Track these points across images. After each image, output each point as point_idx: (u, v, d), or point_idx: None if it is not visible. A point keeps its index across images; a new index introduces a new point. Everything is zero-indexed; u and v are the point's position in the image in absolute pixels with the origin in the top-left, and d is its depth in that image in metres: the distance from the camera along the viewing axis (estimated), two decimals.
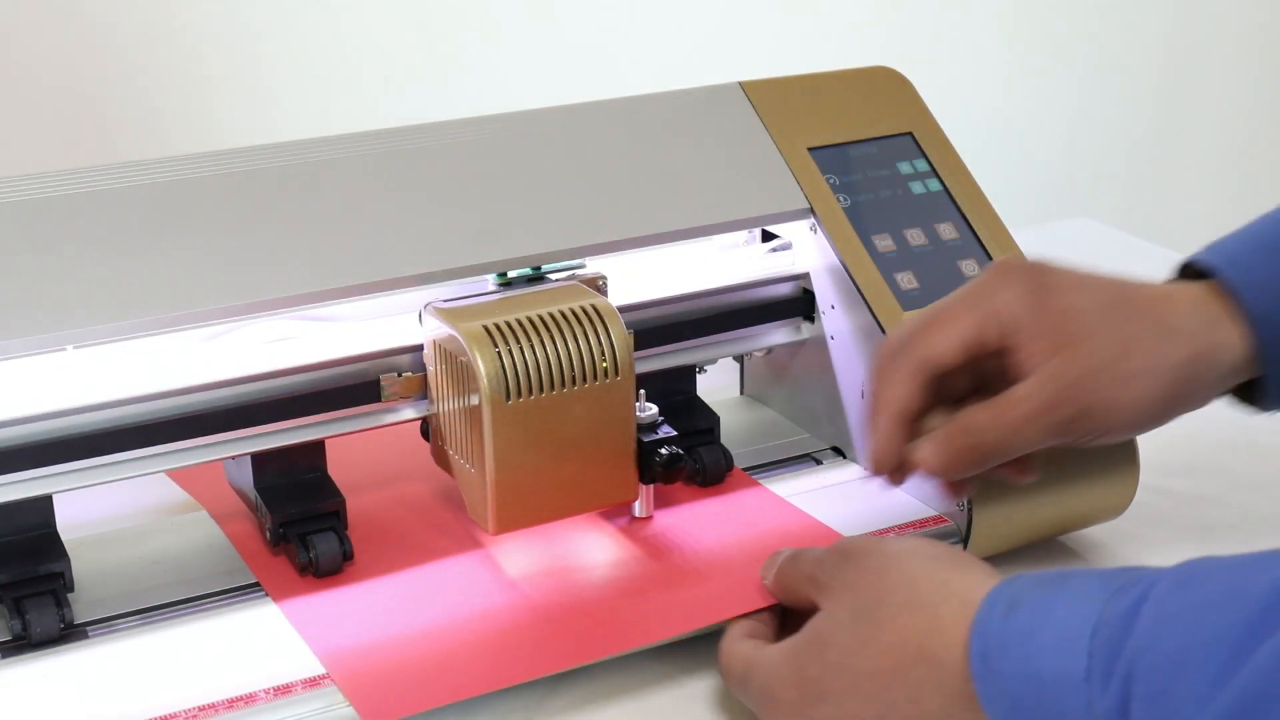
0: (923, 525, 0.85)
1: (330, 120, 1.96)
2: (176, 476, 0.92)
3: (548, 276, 0.86)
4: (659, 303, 0.90)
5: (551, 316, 0.79)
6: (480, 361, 0.77)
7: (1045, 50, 2.40)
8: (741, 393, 1.04)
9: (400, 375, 0.83)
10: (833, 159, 0.94)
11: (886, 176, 0.95)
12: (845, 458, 0.94)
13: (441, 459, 0.84)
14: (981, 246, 0.93)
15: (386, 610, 0.78)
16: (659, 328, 0.90)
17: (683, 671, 0.78)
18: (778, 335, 0.94)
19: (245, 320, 0.80)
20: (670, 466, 0.82)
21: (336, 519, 0.82)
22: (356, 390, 0.82)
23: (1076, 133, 2.47)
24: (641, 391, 0.84)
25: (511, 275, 0.85)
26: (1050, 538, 0.89)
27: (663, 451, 0.82)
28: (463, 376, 0.79)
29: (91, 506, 0.87)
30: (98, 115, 1.88)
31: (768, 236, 0.96)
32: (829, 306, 0.92)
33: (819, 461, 0.94)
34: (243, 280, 0.79)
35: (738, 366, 1.03)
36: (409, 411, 0.84)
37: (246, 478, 0.84)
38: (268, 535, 0.83)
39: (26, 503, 0.77)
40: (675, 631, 0.76)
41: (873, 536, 0.71)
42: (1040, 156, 2.45)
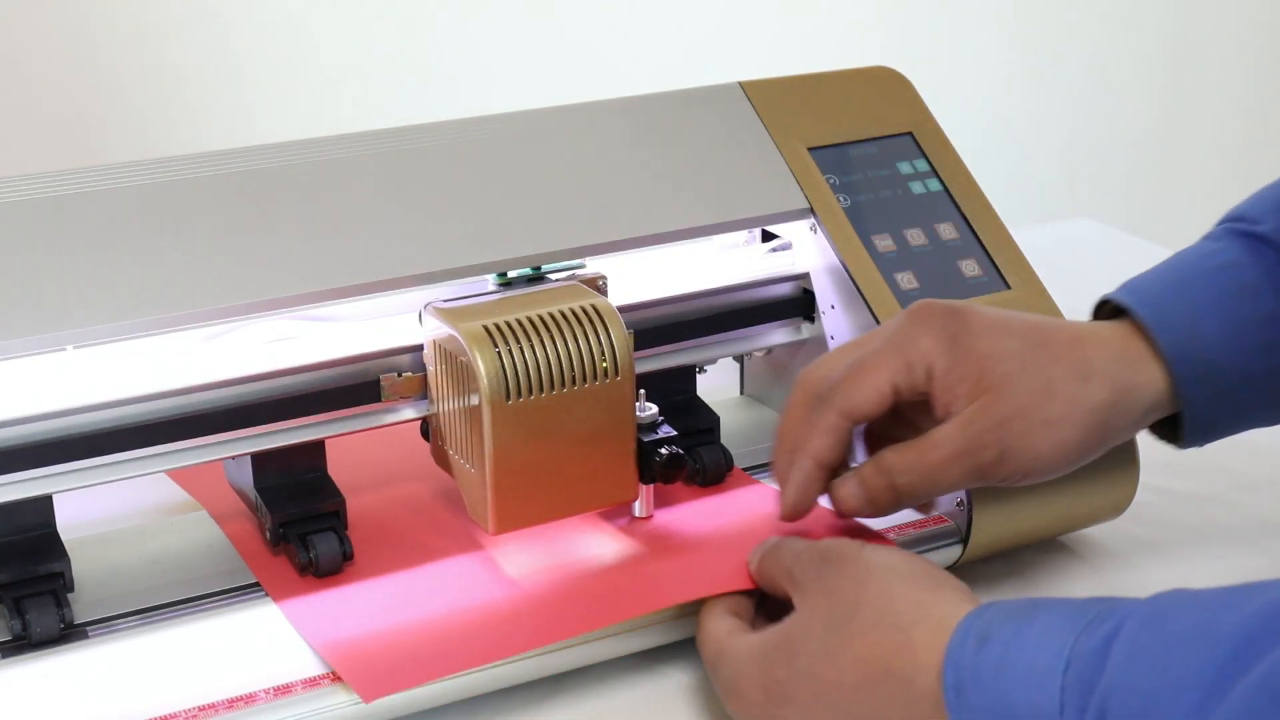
0: (923, 525, 0.85)
1: (329, 120, 1.96)
2: (176, 476, 0.92)
3: (548, 276, 0.86)
4: (659, 303, 0.90)
5: (551, 316, 0.79)
6: (480, 361, 0.77)
7: (1045, 50, 2.40)
8: (741, 393, 1.04)
9: (400, 375, 0.83)
10: (833, 159, 0.94)
11: (886, 176, 0.95)
12: None
13: (441, 459, 0.84)
14: (981, 246, 0.93)
15: (386, 609, 0.78)
16: (659, 328, 0.90)
17: (682, 672, 0.78)
18: (778, 335, 0.94)
19: (245, 320, 0.80)
20: (670, 466, 0.82)
21: (336, 519, 0.82)
22: (356, 390, 0.82)
23: (1076, 133, 2.47)
24: (641, 391, 0.84)
25: (511, 275, 0.85)
26: (1050, 538, 0.89)
27: (663, 451, 0.82)
28: (463, 376, 0.79)
29: (91, 506, 0.87)
30: (98, 115, 1.88)
31: (768, 236, 0.96)
32: (829, 306, 0.92)
33: None
34: (243, 280, 0.79)
35: (738, 366, 1.03)
36: (409, 411, 0.84)
37: (246, 478, 0.84)
38: (268, 535, 0.83)
39: (26, 503, 0.77)
40: (659, 605, 0.76)
41: (853, 541, 0.71)
42: (1040, 156, 2.45)
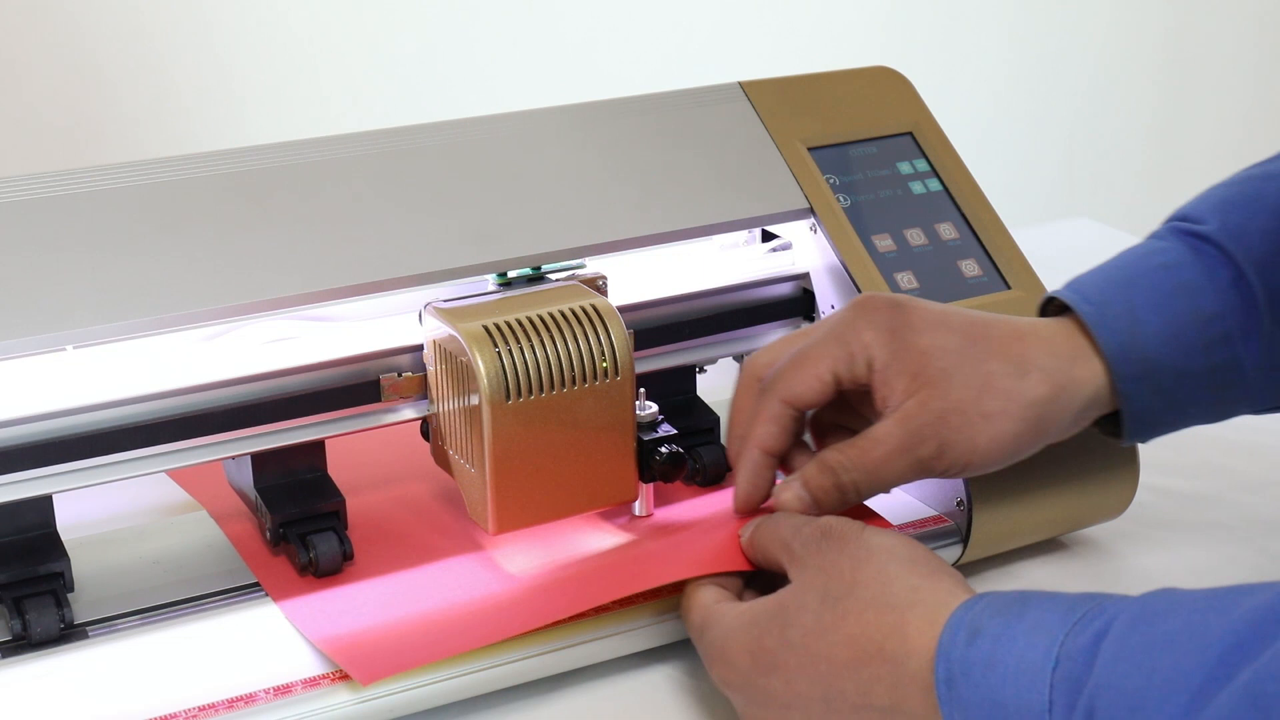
0: (923, 525, 0.85)
1: (329, 120, 1.96)
2: (176, 476, 0.92)
3: (548, 276, 0.86)
4: (659, 303, 0.90)
5: (551, 316, 0.79)
6: (480, 361, 0.77)
7: (1045, 50, 2.40)
8: None
9: (400, 375, 0.83)
10: (833, 159, 0.94)
11: (886, 176, 0.95)
12: None
13: (441, 459, 0.84)
14: (982, 246, 0.93)
15: (385, 607, 0.78)
16: (659, 328, 0.90)
17: (686, 673, 0.78)
18: (778, 335, 0.94)
19: (245, 320, 0.80)
20: (670, 465, 0.82)
21: (336, 519, 0.82)
22: (356, 390, 0.82)
23: (1076, 133, 2.47)
24: (641, 390, 0.84)
25: (511, 275, 0.85)
26: (1050, 538, 0.89)
27: (663, 450, 0.82)
28: (463, 376, 0.79)
29: (91, 506, 0.87)
30: (95, 117, 1.88)
31: (768, 236, 0.96)
32: (829, 306, 0.92)
33: None
34: (243, 280, 0.79)
35: (738, 366, 1.03)
36: (409, 411, 0.84)
37: (246, 478, 0.84)
38: (268, 535, 0.83)
39: (26, 503, 0.77)
40: (650, 584, 0.76)
41: (854, 521, 0.71)
42: (1040, 156, 2.45)
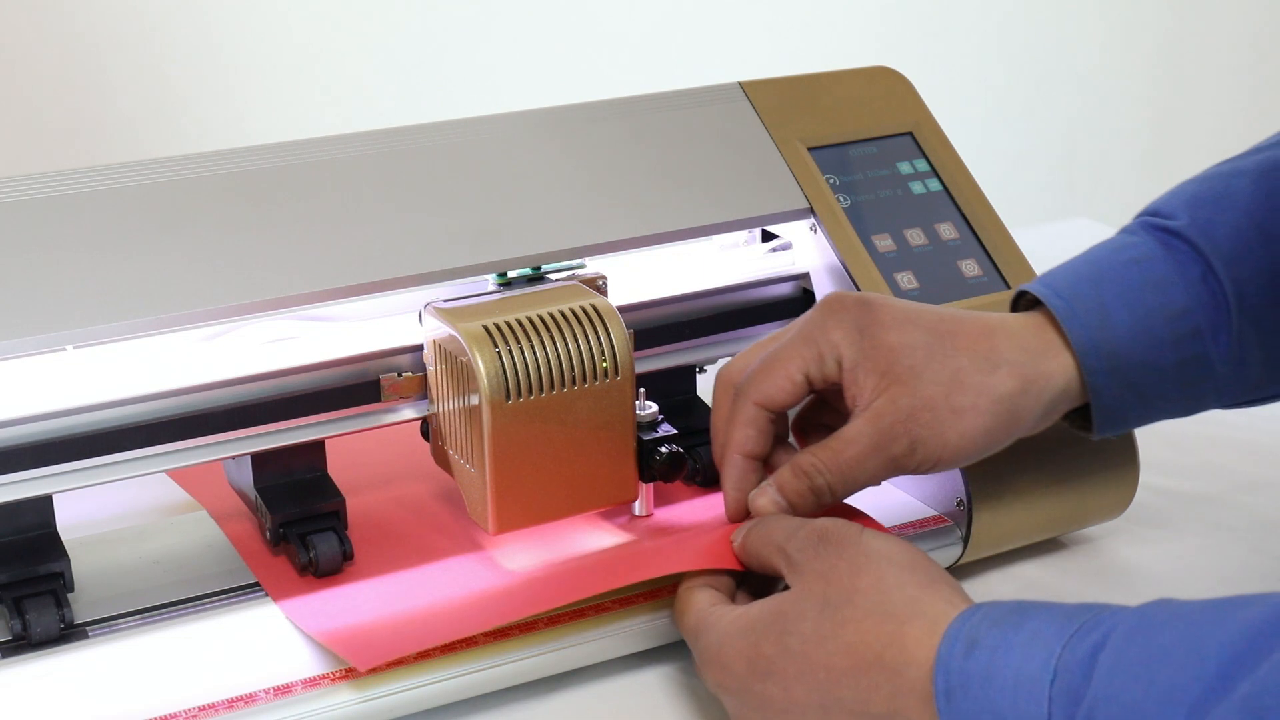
0: (923, 525, 0.85)
1: (329, 121, 1.96)
2: (176, 476, 0.92)
3: (548, 276, 0.86)
4: (659, 303, 0.90)
5: (551, 316, 0.79)
6: (480, 361, 0.77)
7: (1045, 51, 2.40)
8: None
9: (400, 375, 0.83)
10: (833, 159, 0.94)
11: (886, 176, 0.95)
12: None
13: (441, 459, 0.84)
14: (982, 246, 0.93)
15: (384, 605, 0.78)
16: (659, 328, 0.90)
17: (685, 673, 0.78)
18: None
19: (245, 320, 0.80)
20: (670, 465, 0.82)
21: (336, 519, 0.82)
22: (356, 390, 0.82)
23: (1076, 133, 2.47)
24: (641, 390, 0.84)
25: (511, 275, 0.85)
26: (1050, 538, 0.89)
27: (663, 450, 0.82)
28: (463, 376, 0.79)
29: (91, 506, 0.87)
30: (98, 116, 1.88)
31: (768, 236, 0.95)
32: None
33: None
34: (243, 280, 0.79)
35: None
36: (409, 411, 0.84)
37: (246, 478, 0.84)
38: (268, 535, 0.83)
39: (26, 503, 0.77)
40: (644, 576, 0.76)
41: (852, 524, 0.71)
42: (1040, 156, 2.45)
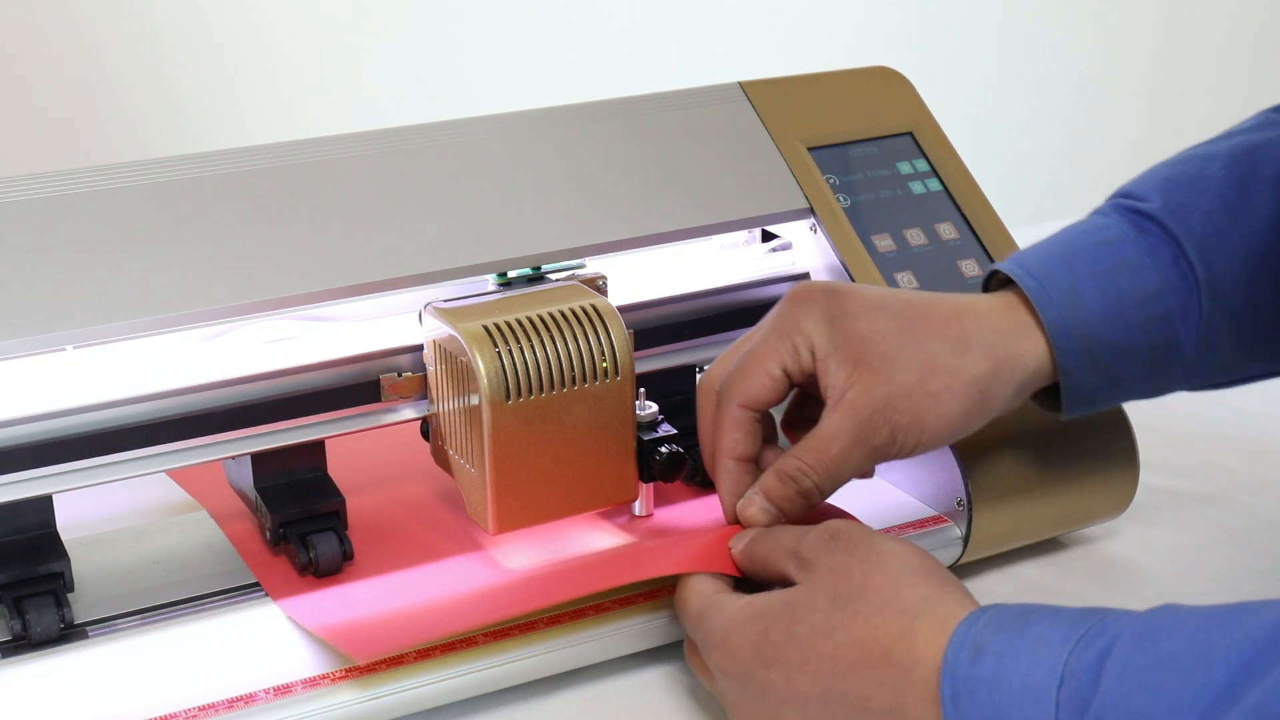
0: (922, 525, 0.85)
1: (329, 120, 1.96)
2: (176, 476, 0.92)
3: (548, 276, 0.86)
4: (659, 303, 0.90)
5: (551, 316, 0.79)
6: (480, 361, 0.77)
7: (1045, 50, 2.40)
8: None
9: (400, 375, 0.83)
10: (833, 159, 0.94)
11: (886, 176, 0.95)
12: None
13: (441, 459, 0.84)
14: (982, 246, 0.93)
15: (383, 603, 0.78)
16: (659, 328, 0.90)
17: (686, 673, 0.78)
18: None
19: (245, 320, 0.80)
20: (670, 466, 0.82)
21: (336, 519, 0.82)
22: (356, 390, 0.82)
23: (1076, 133, 2.47)
24: (641, 390, 0.84)
25: (511, 275, 0.85)
26: (1050, 537, 0.89)
27: (663, 450, 0.82)
28: (463, 376, 0.79)
29: (91, 506, 0.87)
30: (98, 115, 1.88)
31: (768, 236, 0.96)
32: None
33: None
34: (243, 280, 0.79)
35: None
36: (409, 411, 0.84)
37: (246, 478, 0.84)
38: (268, 535, 0.83)
39: (26, 503, 0.77)
40: (643, 575, 0.77)
41: (862, 525, 0.71)
42: (1040, 156, 2.45)
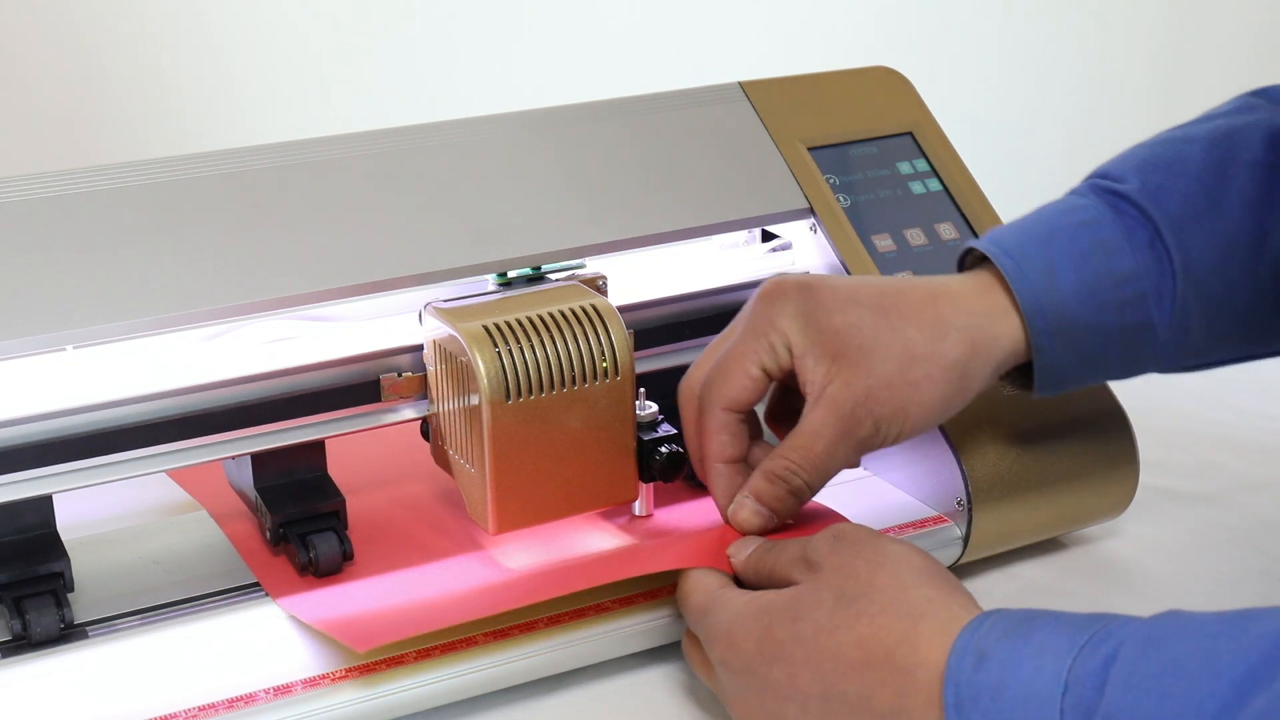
0: (923, 525, 0.85)
1: (329, 120, 1.96)
2: (176, 476, 0.92)
3: (548, 276, 0.86)
4: (659, 303, 0.90)
5: (551, 316, 0.79)
6: (480, 361, 0.77)
7: (1045, 51, 2.40)
8: None
9: (400, 375, 0.83)
10: (833, 159, 0.94)
11: (886, 176, 0.95)
12: None
13: (441, 459, 0.84)
14: None
15: (383, 601, 0.78)
16: (659, 328, 0.90)
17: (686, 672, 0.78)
18: None
19: (245, 320, 0.80)
20: (670, 465, 0.82)
21: (336, 519, 0.82)
22: (356, 390, 0.82)
23: (1076, 133, 2.47)
24: (641, 390, 0.84)
25: (511, 275, 0.85)
26: (1050, 537, 0.89)
27: (663, 450, 0.82)
28: (463, 376, 0.79)
29: (91, 506, 0.87)
30: (98, 116, 1.88)
31: (768, 236, 0.96)
32: None
33: None
34: (243, 280, 0.79)
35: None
36: (409, 411, 0.84)
37: (246, 478, 0.84)
38: (268, 535, 0.83)
39: (26, 503, 0.77)
40: (641, 571, 0.77)
41: (867, 527, 0.71)
42: (1040, 156, 2.45)
